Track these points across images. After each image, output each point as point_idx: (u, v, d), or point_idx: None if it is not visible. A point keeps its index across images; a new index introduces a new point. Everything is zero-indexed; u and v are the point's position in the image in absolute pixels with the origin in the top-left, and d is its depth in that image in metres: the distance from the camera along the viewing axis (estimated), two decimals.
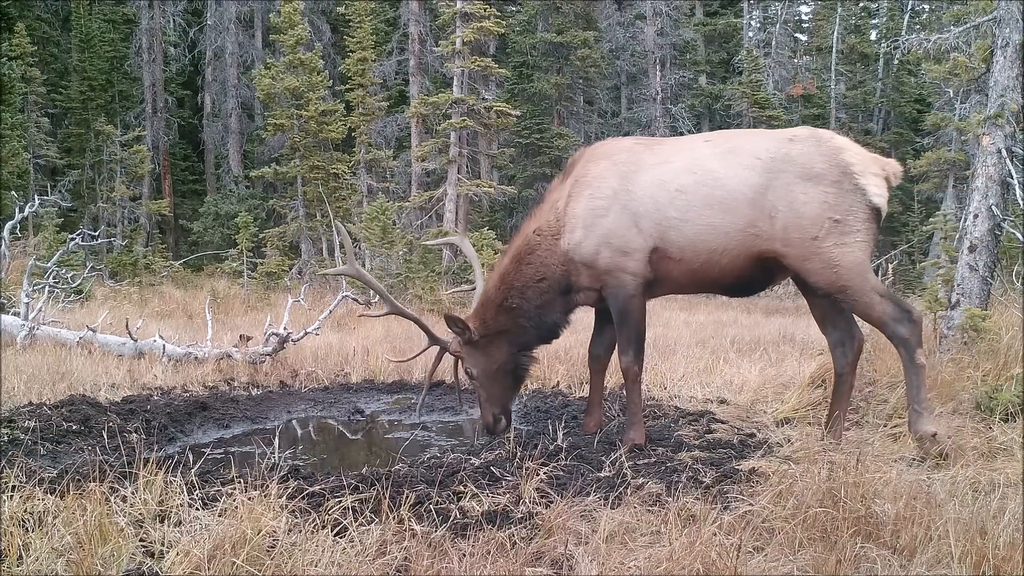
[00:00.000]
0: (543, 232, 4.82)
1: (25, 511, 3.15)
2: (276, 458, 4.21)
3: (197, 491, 3.53)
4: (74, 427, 5.05)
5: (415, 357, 5.73)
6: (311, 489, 3.62)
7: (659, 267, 4.58)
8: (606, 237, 4.58)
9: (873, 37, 28.14)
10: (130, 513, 3.22)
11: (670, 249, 4.50)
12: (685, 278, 4.63)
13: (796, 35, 29.79)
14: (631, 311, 4.66)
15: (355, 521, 3.20)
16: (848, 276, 4.28)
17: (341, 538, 3.06)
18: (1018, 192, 6.36)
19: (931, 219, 13.70)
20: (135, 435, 4.98)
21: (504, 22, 19.44)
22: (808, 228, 4.26)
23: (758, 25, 28.61)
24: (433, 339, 5.06)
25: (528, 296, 4.87)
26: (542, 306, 4.89)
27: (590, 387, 5.26)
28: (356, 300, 11.33)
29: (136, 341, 7.42)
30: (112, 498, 3.27)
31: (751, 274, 4.53)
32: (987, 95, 6.74)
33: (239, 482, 3.51)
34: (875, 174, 4.30)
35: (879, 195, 4.27)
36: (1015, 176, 6.40)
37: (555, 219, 4.78)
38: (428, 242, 7.77)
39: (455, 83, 18.50)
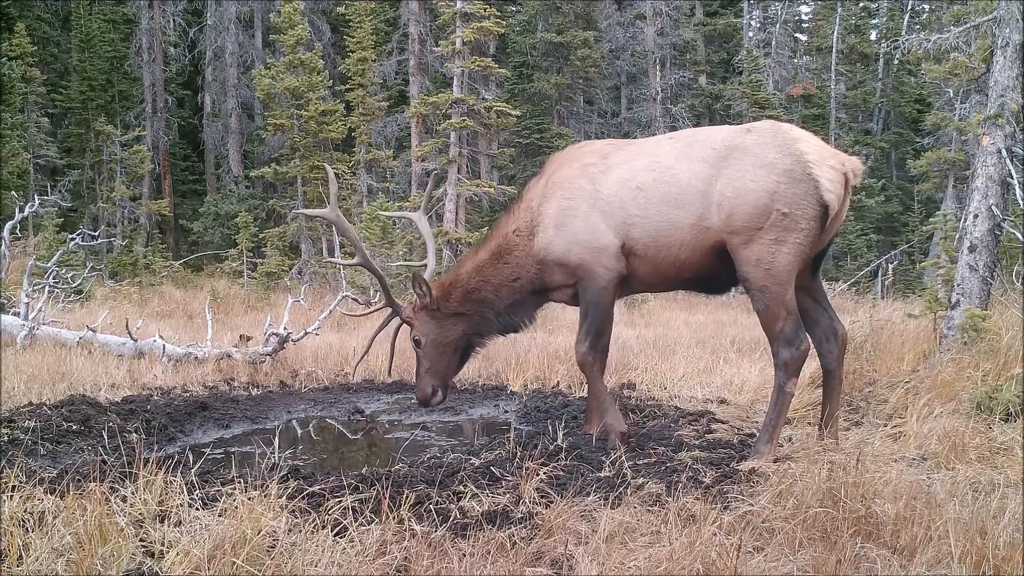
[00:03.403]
0: (521, 233, 4.91)
1: (25, 511, 3.15)
2: (276, 458, 4.20)
3: (197, 491, 3.52)
4: (74, 427, 5.05)
5: (368, 313, 6.04)
6: (311, 489, 3.62)
7: (627, 264, 4.64)
8: (576, 235, 4.66)
9: (873, 37, 28.13)
10: (130, 513, 3.22)
11: (635, 246, 4.56)
12: (651, 275, 4.67)
13: (796, 35, 29.78)
14: (600, 302, 4.71)
15: (355, 521, 3.20)
16: (773, 280, 4.23)
17: (341, 538, 3.06)
18: (1018, 192, 6.36)
19: (931, 219, 13.67)
20: (135, 435, 4.99)
21: (504, 22, 19.42)
22: (753, 217, 4.21)
23: (758, 25, 28.58)
24: (389, 300, 5.19)
25: (502, 294, 5.00)
26: (513, 304, 5.03)
27: (588, 392, 5.26)
28: (356, 300, 11.33)
29: (136, 341, 7.42)
30: (112, 498, 3.26)
31: (713, 268, 4.51)
32: (987, 95, 6.74)
33: (239, 482, 3.51)
34: (832, 167, 4.20)
35: (831, 190, 4.16)
36: (1015, 176, 6.40)
37: (530, 219, 4.87)
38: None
39: (455, 83, 18.49)
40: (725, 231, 4.29)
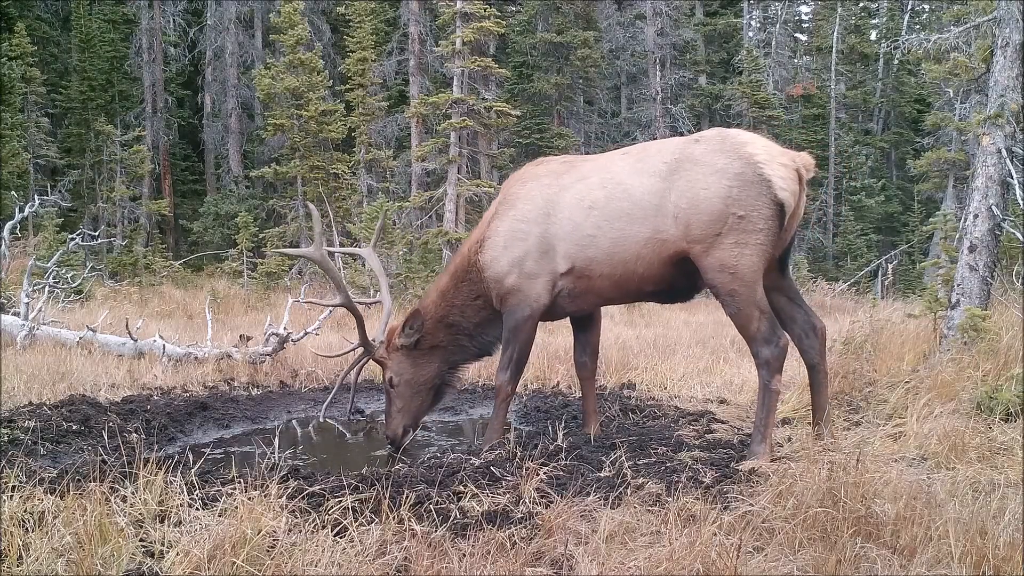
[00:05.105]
0: (474, 249, 4.94)
1: (25, 511, 3.15)
2: (276, 458, 4.20)
3: (197, 491, 3.52)
4: (74, 427, 5.05)
5: (342, 355, 5.76)
6: (311, 489, 3.62)
7: (583, 281, 4.65)
8: (520, 261, 4.69)
9: (873, 37, 28.17)
10: (130, 513, 3.22)
11: (590, 264, 4.57)
12: (610, 290, 4.68)
13: (796, 35, 29.77)
14: (523, 332, 4.77)
15: (355, 521, 3.20)
16: (739, 282, 4.25)
17: (341, 538, 3.06)
18: (1018, 192, 6.36)
19: (931, 219, 13.69)
20: (135, 435, 4.98)
21: (504, 22, 19.41)
22: (710, 224, 4.24)
23: (758, 25, 28.58)
24: (363, 340, 5.09)
25: (467, 314, 5.00)
26: (481, 323, 5.03)
27: (583, 395, 5.29)
28: (359, 300, 11.31)
29: (136, 341, 7.42)
30: (112, 498, 3.26)
31: (672, 279, 4.54)
32: (987, 95, 6.75)
33: (239, 482, 3.51)
34: (783, 164, 4.24)
35: (785, 188, 4.19)
36: (1015, 176, 6.40)
37: (482, 235, 4.91)
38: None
39: (455, 83, 18.49)
40: (685, 241, 4.33)
